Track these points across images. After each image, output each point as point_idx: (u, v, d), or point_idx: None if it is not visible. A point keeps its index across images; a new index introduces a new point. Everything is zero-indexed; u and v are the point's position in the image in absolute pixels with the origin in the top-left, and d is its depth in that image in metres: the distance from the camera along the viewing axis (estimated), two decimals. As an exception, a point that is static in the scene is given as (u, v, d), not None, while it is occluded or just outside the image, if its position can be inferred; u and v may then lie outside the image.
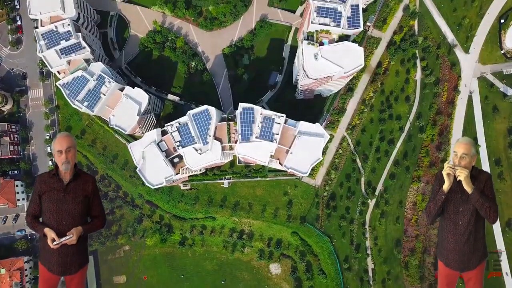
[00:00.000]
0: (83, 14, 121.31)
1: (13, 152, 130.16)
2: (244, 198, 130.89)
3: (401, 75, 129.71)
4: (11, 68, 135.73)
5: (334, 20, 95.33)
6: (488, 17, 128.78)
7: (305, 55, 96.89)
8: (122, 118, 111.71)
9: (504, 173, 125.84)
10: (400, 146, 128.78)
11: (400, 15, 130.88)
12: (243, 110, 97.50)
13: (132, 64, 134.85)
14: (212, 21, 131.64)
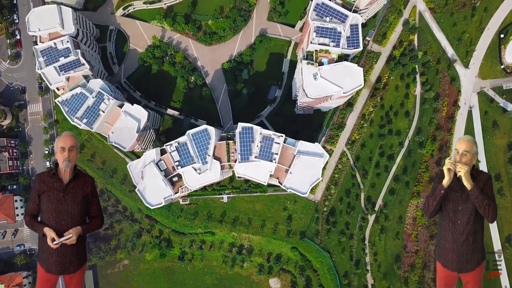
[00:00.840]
0: (82, 30, 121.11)
1: (12, 167, 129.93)
2: (243, 213, 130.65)
3: (401, 90, 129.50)
4: (10, 82, 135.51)
5: (333, 40, 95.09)
6: (488, 32, 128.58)
7: (305, 74, 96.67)
8: (121, 135, 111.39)
9: (504, 188, 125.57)
10: (399, 161, 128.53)
11: (399, 30, 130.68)
12: (242, 129, 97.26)
13: (131, 79, 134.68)
14: (212, 36, 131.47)
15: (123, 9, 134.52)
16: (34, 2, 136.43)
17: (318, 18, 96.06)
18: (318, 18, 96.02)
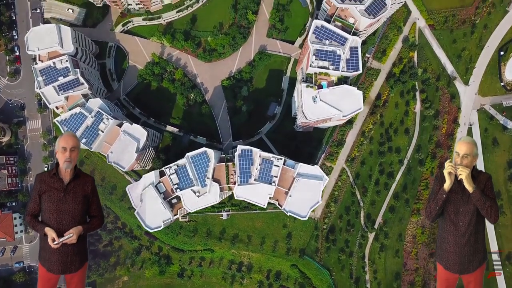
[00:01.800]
0: (81, 48, 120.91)
1: (11, 185, 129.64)
2: (243, 230, 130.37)
3: (401, 107, 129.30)
4: (9, 99, 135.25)
5: (333, 63, 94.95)
6: (487, 49, 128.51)
7: (304, 97, 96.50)
8: (121, 155, 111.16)
9: (504, 206, 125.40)
10: (399, 179, 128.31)
11: (399, 47, 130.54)
12: (241, 152, 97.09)
13: (130, 95, 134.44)
14: (211, 53, 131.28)
15: (122, 25, 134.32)
16: (33, 18, 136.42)
17: (318, 41, 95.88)
18: (318, 41, 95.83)
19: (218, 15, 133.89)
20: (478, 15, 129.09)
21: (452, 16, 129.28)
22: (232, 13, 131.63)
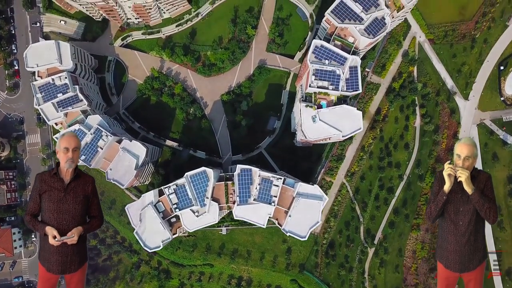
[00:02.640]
0: (80, 64, 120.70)
1: (10, 200, 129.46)
2: (242, 245, 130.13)
3: (400, 122, 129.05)
4: (8, 113, 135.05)
5: (332, 83, 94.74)
6: (487, 64, 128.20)
7: (303, 117, 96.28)
8: (120, 172, 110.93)
9: (504, 221, 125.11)
10: (399, 194, 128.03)
11: (399, 61, 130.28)
12: (241, 171, 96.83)
13: (130, 109, 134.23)
14: (211, 68, 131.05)
15: (121, 39, 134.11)
16: (33, 32, 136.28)
17: (317, 60, 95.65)
18: (317, 61, 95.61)
19: (217, 29, 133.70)
20: (478, 30, 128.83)
21: (452, 30, 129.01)
22: (231, 28, 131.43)
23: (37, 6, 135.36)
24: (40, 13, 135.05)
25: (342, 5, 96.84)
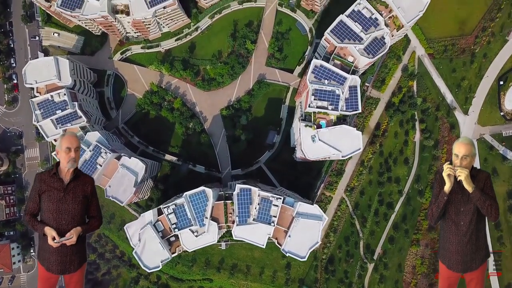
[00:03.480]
0: (79, 80, 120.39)
1: (9, 215, 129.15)
2: (242, 260, 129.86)
3: (400, 136, 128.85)
4: (7, 127, 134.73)
5: (332, 103, 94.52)
6: (487, 79, 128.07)
7: (303, 136, 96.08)
8: (119, 189, 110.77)
9: (504, 237, 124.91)
10: (399, 209, 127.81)
11: (398, 76, 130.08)
12: (240, 191, 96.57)
13: (129, 123, 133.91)
14: (210, 82, 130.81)
15: (120, 53, 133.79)
16: (32, 46, 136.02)
17: (317, 80, 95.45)
18: (317, 81, 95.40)
19: (217, 43, 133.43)
20: (477, 44, 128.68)
21: (451, 45, 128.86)
22: (231, 42, 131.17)
23: (36, 20, 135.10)
24: (39, 27, 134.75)
25: (342, 24, 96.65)
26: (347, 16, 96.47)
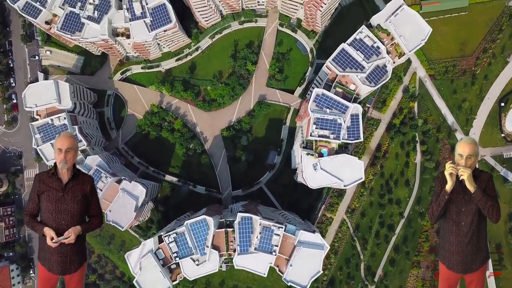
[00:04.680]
0: (79, 102, 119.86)
1: (8, 236, 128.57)
2: (242, 281, 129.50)
3: (401, 158, 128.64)
4: (6, 147, 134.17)
5: (333, 132, 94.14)
6: (488, 100, 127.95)
7: (304, 165, 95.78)
8: (119, 214, 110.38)
9: (505, 259, 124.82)
10: (400, 231, 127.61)
11: (399, 97, 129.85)
12: (241, 219, 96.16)
13: (129, 144, 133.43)
14: (211, 103, 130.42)
15: (121, 73, 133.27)
16: (31, 65, 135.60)
17: (318, 109, 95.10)
18: (318, 109, 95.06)
19: (217, 63, 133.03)
20: (478, 66, 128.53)
21: (452, 66, 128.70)
22: (231, 62, 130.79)
23: (36, 39, 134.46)
24: (38, 47, 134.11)
25: (344, 53, 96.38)
26: (349, 45, 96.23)
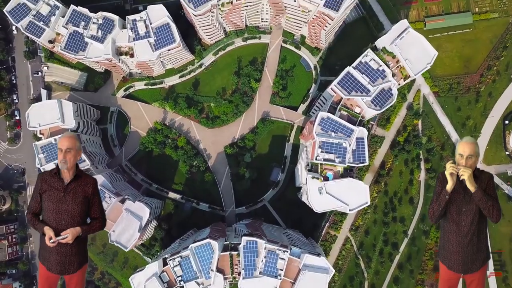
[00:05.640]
0: (83, 121, 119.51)
1: (12, 254, 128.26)
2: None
3: (405, 176, 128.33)
4: (9, 164, 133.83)
5: (339, 156, 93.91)
6: (492, 118, 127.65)
7: (310, 188, 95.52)
8: (123, 234, 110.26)
9: (509, 278, 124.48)
10: (404, 249, 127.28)
11: (403, 114, 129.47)
12: (246, 243, 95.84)
13: (132, 160, 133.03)
14: (214, 120, 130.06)
15: (124, 90, 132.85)
16: (34, 82, 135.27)
17: (323, 132, 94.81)
18: (323, 133, 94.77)
19: (220, 80, 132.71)
20: (483, 83, 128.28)
21: (456, 83, 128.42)
22: (235, 79, 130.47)
23: (39, 55, 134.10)
24: (41, 63, 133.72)
25: (349, 76, 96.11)
26: (354, 68, 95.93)
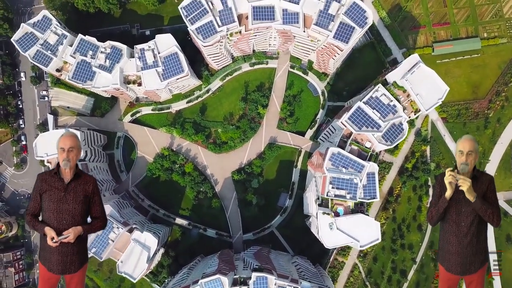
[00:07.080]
0: (90, 149, 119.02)
1: (18, 281, 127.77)
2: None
3: (413, 202, 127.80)
4: (16, 189, 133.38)
5: (349, 192, 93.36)
6: (501, 144, 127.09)
7: (320, 224, 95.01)
8: (131, 265, 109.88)
9: None
10: (412, 276, 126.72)
11: (411, 140, 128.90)
12: (256, 279, 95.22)
13: (139, 186, 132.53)
14: (221, 146, 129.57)
15: (131, 115, 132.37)
16: (41, 106, 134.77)
17: (334, 168, 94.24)
18: (334, 168, 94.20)
19: (228, 104, 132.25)
20: (491, 109, 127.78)
21: (465, 109, 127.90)
22: (242, 104, 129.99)
23: (45, 80, 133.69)
24: (48, 87, 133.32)
25: (360, 111, 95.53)
26: (365, 103, 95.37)
